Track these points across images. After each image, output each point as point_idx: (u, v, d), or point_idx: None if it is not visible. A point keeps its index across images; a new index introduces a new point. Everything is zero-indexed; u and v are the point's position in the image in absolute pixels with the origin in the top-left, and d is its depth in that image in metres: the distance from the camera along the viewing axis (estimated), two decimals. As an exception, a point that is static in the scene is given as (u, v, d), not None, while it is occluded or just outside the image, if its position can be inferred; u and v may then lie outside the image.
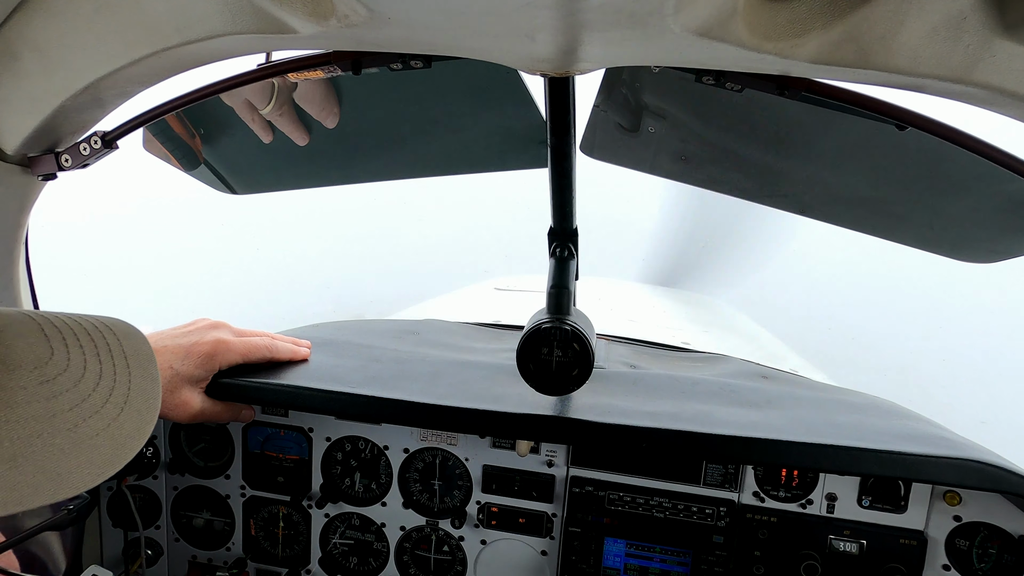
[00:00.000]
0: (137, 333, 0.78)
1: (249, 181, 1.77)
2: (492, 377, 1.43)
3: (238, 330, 1.41)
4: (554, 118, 1.08)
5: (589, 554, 1.49)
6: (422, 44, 0.93)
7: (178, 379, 1.28)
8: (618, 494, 1.46)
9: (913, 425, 1.35)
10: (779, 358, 2.69)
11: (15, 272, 1.36)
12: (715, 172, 1.67)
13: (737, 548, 1.44)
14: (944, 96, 0.88)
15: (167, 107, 1.19)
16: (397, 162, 1.72)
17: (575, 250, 1.34)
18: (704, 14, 0.73)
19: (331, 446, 1.55)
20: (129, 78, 1.06)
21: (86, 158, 1.21)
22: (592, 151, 1.59)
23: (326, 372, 1.40)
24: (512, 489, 1.50)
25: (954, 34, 0.79)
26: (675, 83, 1.37)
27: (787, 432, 1.23)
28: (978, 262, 1.69)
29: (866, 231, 1.66)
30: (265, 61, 1.12)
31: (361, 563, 1.62)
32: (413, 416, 1.32)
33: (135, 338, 0.77)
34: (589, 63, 0.93)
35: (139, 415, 0.72)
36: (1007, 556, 1.33)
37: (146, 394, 0.74)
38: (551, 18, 0.72)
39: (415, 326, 1.86)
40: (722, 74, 0.96)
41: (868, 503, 1.38)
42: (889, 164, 1.45)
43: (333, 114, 1.46)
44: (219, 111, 1.49)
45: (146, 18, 0.95)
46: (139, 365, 0.75)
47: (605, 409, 1.30)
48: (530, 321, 1.23)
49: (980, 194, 1.42)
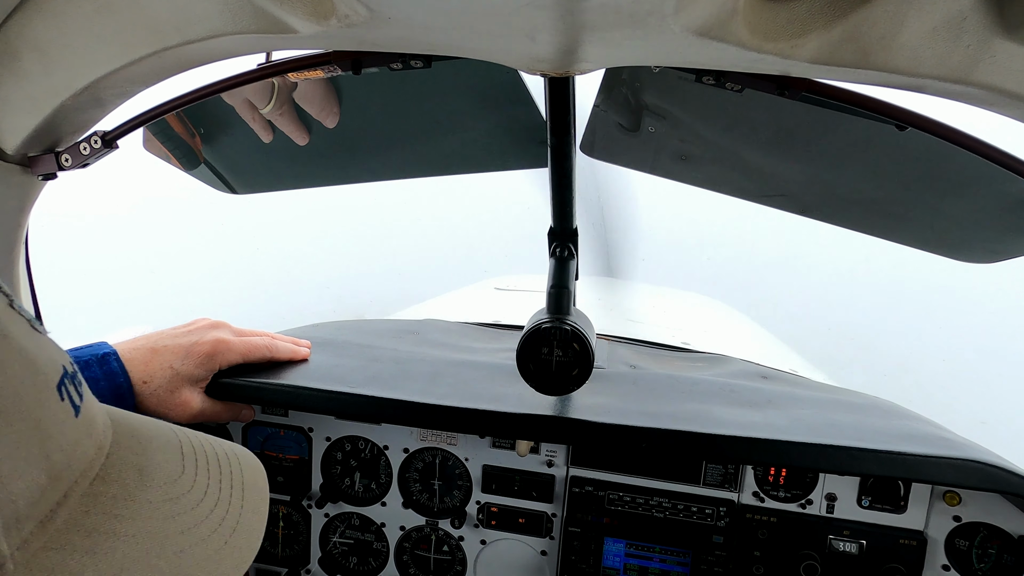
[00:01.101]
0: (259, 467, 0.77)
1: (249, 181, 1.77)
2: (492, 377, 1.43)
3: (238, 330, 1.41)
4: (554, 118, 1.08)
5: (589, 554, 1.49)
6: (422, 44, 0.93)
7: (178, 379, 1.28)
8: (618, 494, 1.46)
9: (913, 425, 1.35)
10: (779, 358, 2.69)
11: (15, 272, 1.35)
12: (715, 172, 1.67)
13: (737, 548, 1.44)
14: (944, 96, 0.88)
15: (167, 107, 1.19)
16: (397, 162, 1.72)
17: (575, 250, 1.34)
18: (704, 14, 0.73)
19: (331, 446, 1.55)
20: (129, 78, 1.06)
21: (86, 158, 1.21)
22: (592, 151, 1.59)
23: (326, 372, 1.40)
24: (512, 489, 1.50)
25: (954, 34, 0.79)
26: (675, 83, 1.37)
27: (787, 432, 1.23)
28: (978, 262, 1.69)
29: (866, 231, 1.66)
30: (265, 61, 1.12)
31: (361, 563, 1.62)
32: (413, 416, 1.32)
33: (256, 472, 0.76)
34: (589, 63, 0.92)
35: (240, 551, 0.69)
36: (1007, 556, 1.33)
37: (251, 531, 0.71)
38: (551, 18, 0.72)
39: (415, 326, 1.86)
40: (722, 74, 0.96)
41: (868, 503, 1.39)
42: (889, 164, 1.45)
43: (333, 114, 1.46)
44: (219, 111, 1.49)
45: (146, 18, 0.95)
46: (252, 499, 0.73)
47: (605, 409, 1.30)
48: (530, 321, 1.23)
49: (980, 194, 1.42)
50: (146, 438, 0.67)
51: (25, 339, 0.56)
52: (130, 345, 1.27)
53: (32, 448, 0.53)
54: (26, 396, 0.53)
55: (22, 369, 0.54)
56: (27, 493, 0.52)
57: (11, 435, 0.51)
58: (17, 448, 0.51)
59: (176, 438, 0.70)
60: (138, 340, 1.29)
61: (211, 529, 0.66)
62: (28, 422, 0.53)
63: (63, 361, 0.59)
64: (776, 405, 1.38)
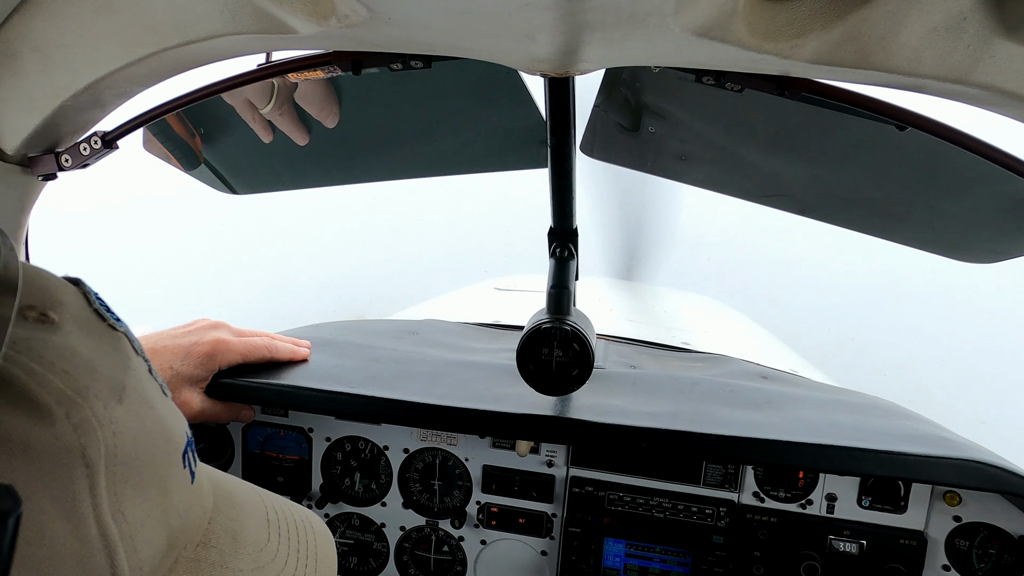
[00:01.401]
0: (330, 537, 0.78)
1: (249, 181, 1.77)
2: (492, 377, 1.43)
3: (238, 330, 1.41)
4: (554, 118, 1.08)
5: (589, 554, 1.49)
6: (422, 44, 0.93)
7: (178, 379, 1.28)
8: (618, 494, 1.46)
9: (913, 425, 1.35)
10: (779, 358, 2.69)
11: (15, 272, 1.35)
12: (715, 172, 1.67)
13: (737, 548, 1.44)
14: (944, 96, 0.88)
15: (167, 107, 1.19)
16: (397, 162, 1.72)
17: (575, 250, 1.34)
18: (704, 15, 0.73)
19: (331, 446, 1.55)
20: (129, 78, 1.06)
21: (86, 158, 1.21)
22: (592, 151, 1.59)
23: (326, 372, 1.40)
24: (512, 489, 1.50)
25: (954, 34, 0.79)
26: (675, 83, 1.37)
27: (787, 432, 1.23)
28: (978, 262, 1.69)
29: (866, 231, 1.66)
30: (265, 61, 1.12)
31: (361, 563, 1.62)
32: (413, 416, 1.32)
33: (327, 542, 0.77)
34: (589, 63, 0.93)
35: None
36: (1007, 556, 1.33)
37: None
38: (551, 18, 0.72)
39: (415, 326, 1.86)
40: (722, 74, 0.96)
41: (868, 503, 1.38)
42: (889, 164, 1.45)
43: (333, 114, 1.46)
44: (219, 111, 1.49)
45: (146, 18, 0.95)
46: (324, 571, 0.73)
47: (605, 409, 1.30)
48: (530, 321, 1.23)
49: (980, 194, 1.42)
50: (239, 503, 0.68)
51: (162, 408, 0.57)
52: None
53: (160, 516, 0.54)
54: (160, 465, 0.54)
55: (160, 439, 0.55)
56: (152, 560, 0.53)
57: (146, 504, 0.52)
58: (150, 517, 0.53)
59: (263, 503, 0.71)
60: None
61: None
62: (160, 490, 0.54)
63: (186, 428, 0.60)
64: (776, 405, 1.38)
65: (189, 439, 0.60)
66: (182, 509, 0.57)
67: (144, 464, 0.52)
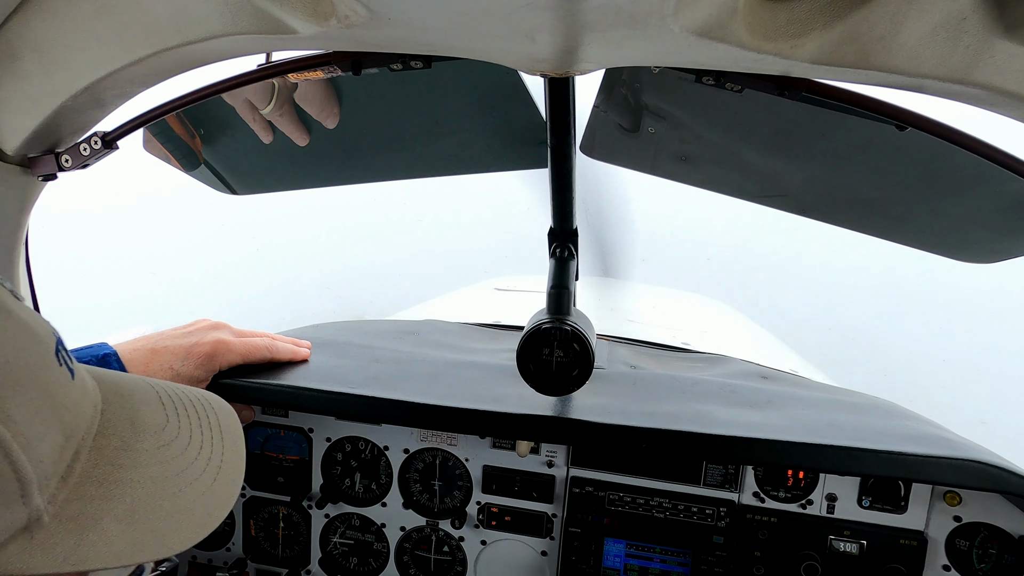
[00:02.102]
0: (230, 410, 0.84)
1: (249, 181, 1.77)
2: (492, 377, 1.43)
3: (238, 331, 1.41)
4: (554, 118, 1.08)
5: (589, 554, 1.49)
6: (422, 44, 0.93)
7: (178, 380, 1.28)
8: (618, 494, 1.46)
9: (913, 425, 1.35)
10: (779, 358, 2.69)
11: (15, 273, 1.35)
12: (715, 172, 1.67)
13: (737, 548, 1.44)
14: (944, 96, 0.88)
15: (167, 107, 1.19)
16: (397, 162, 1.72)
17: (575, 250, 1.35)
18: (704, 15, 0.73)
19: (331, 446, 1.55)
20: (129, 78, 1.06)
21: (86, 158, 1.21)
22: (592, 151, 1.59)
23: (326, 372, 1.40)
24: (512, 489, 1.50)
25: (954, 34, 0.79)
26: (675, 83, 1.37)
27: (787, 432, 1.23)
28: (978, 262, 1.69)
29: (866, 231, 1.66)
30: (265, 61, 1.12)
31: (361, 563, 1.62)
32: (413, 416, 1.32)
33: (228, 415, 0.83)
34: (589, 63, 0.93)
35: (227, 486, 0.75)
36: (1007, 556, 1.33)
37: (234, 468, 0.78)
38: (551, 19, 0.72)
39: (415, 326, 1.86)
40: (722, 74, 0.96)
41: (868, 503, 1.38)
42: (889, 164, 1.45)
43: (333, 114, 1.46)
44: (219, 111, 1.49)
45: (146, 18, 0.95)
46: (231, 439, 0.80)
47: (605, 409, 1.30)
48: (530, 321, 1.23)
49: (980, 194, 1.42)
50: (128, 392, 0.73)
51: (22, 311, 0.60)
52: (130, 346, 1.27)
53: (47, 412, 0.59)
54: (34, 365, 0.59)
55: (27, 340, 0.59)
56: (51, 453, 0.58)
57: (29, 403, 0.57)
58: (37, 413, 0.57)
59: (153, 390, 0.76)
60: (138, 341, 1.30)
61: (200, 469, 0.73)
62: (40, 388, 0.59)
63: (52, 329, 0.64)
64: (776, 405, 1.38)
65: (58, 338, 0.64)
66: (70, 404, 0.62)
67: (16, 367, 0.56)
